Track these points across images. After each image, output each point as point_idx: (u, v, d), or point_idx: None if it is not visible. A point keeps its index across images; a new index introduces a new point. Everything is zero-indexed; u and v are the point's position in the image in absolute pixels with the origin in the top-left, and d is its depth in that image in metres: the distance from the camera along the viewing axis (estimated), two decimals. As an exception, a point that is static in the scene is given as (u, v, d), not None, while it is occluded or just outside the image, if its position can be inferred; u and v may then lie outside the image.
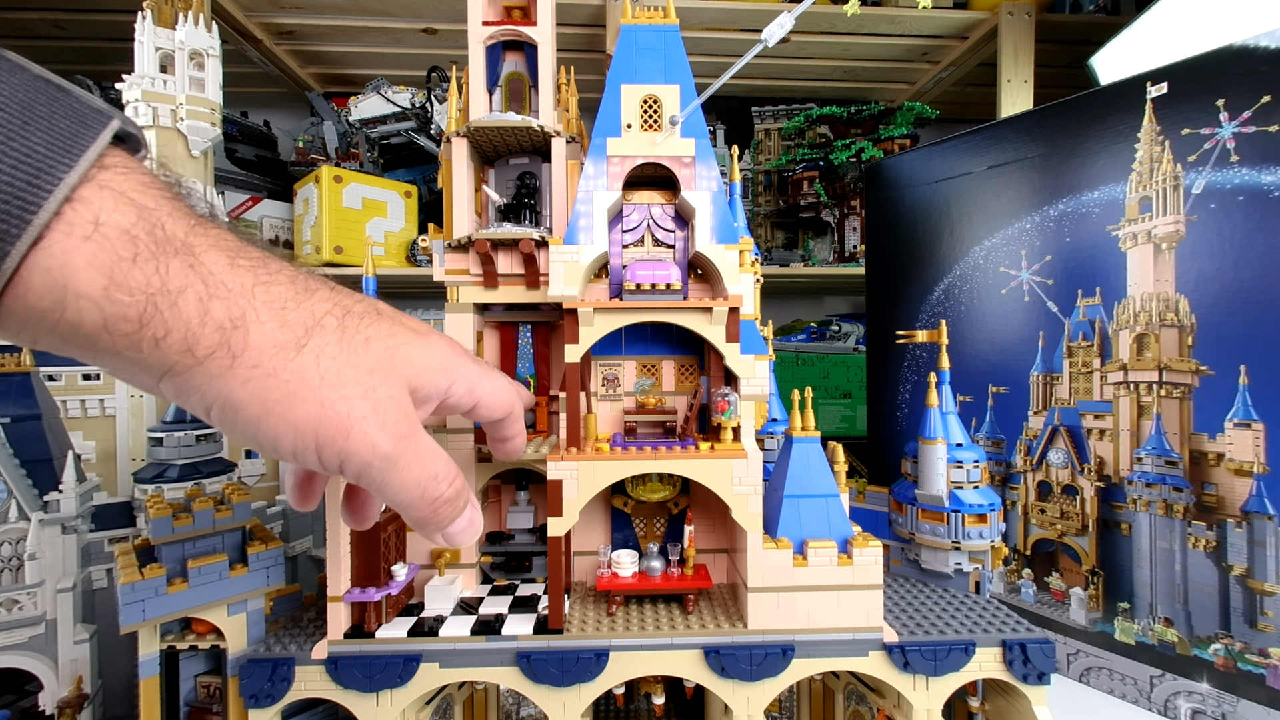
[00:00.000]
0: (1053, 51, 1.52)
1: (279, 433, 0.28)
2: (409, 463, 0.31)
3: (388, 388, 0.31)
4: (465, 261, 0.68)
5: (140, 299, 0.24)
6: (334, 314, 0.30)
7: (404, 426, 0.31)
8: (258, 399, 0.27)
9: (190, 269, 0.26)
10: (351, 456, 0.29)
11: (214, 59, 1.06)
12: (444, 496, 0.33)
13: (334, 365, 0.29)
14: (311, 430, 0.28)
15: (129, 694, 0.75)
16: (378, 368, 0.31)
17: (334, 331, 0.30)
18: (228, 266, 0.27)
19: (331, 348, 0.29)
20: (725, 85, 0.59)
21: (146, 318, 0.25)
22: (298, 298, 0.29)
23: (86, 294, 0.23)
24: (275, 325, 0.28)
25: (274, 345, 0.27)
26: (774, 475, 0.69)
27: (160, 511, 0.64)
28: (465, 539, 0.36)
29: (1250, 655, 0.72)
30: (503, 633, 0.61)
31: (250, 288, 0.27)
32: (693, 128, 0.63)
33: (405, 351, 0.32)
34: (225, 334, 0.26)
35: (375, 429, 0.29)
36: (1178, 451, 0.77)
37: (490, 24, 0.69)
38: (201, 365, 0.26)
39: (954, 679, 0.62)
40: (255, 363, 0.27)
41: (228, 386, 0.27)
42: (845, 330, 1.68)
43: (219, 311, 0.26)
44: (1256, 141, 0.70)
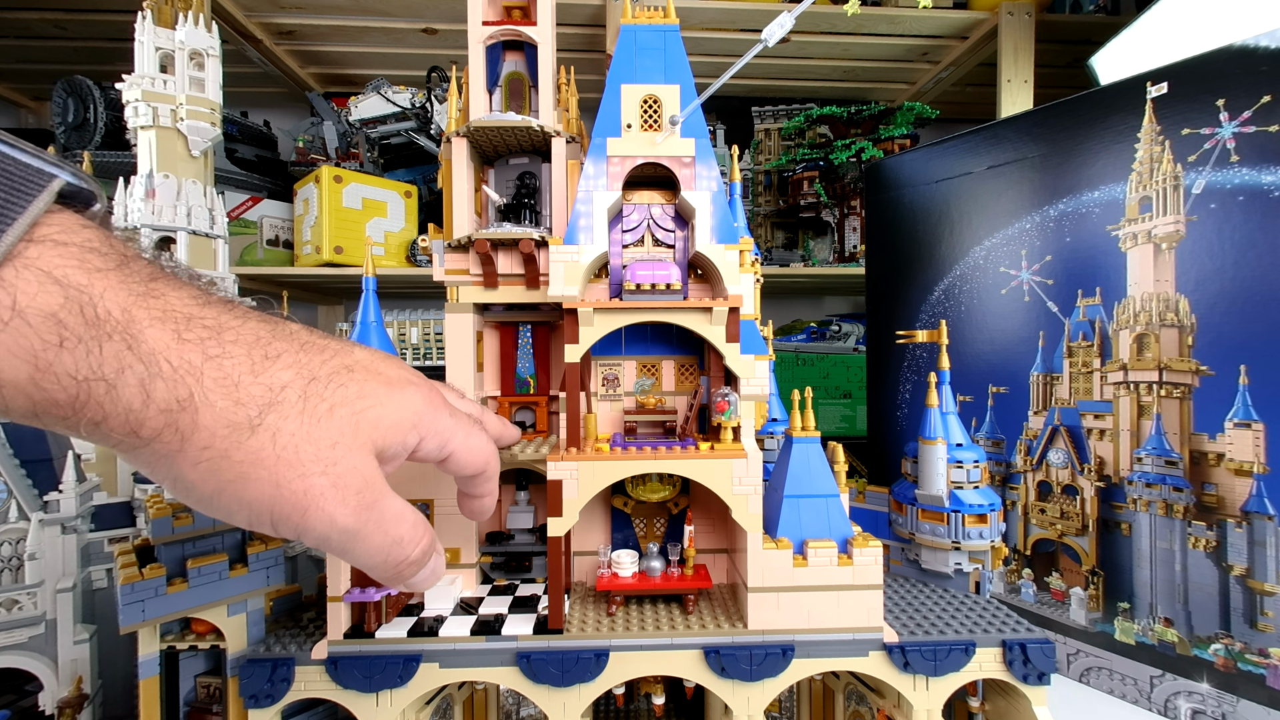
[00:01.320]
0: (1053, 51, 1.52)
1: (232, 509, 0.28)
2: (371, 532, 0.31)
3: (350, 459, 0.30)
4: (465, 261, 0.68)
5: (70, 385, 0.23)
6: (296, 384, 0.29)
7: (366, 496, 0.30)
8: (209, 479, 0.27)
9: (128, 349, 0.24)
10: (308, 532, 0.29)
11: (214, 59, 1.06)
12: (408, 559, 0.33)
13: (292, 442, 0.28)
14: (266, 509, 0.28)
15: (129, 694, 0.75)
16: (340, 439, 0.30)
17: (294, 405, 0.29)
18: (173, 342, 0.26)
19: (290, 423, 0.28)
20: (725, 85, 0.59)
21: (80, 404, 0.24)
22: (255, 369, 0.28)
23: (10, 382, 0.23)
24: (227, 404, 0.27)
25: (225, 426, 0.26)
26: (774, 475, 0.69)
27: (160, 511, 0.64)
28: (426, 586, 0.36)
29: (1250, 655, 0.72)
30: (503, 633, 0.61)
31: (199, 365, 0.26)
32: (693, 128, 0.63)
33: (372, 414, 0.32)
34: (171, 416, 0.25)
35: (334, 505, 0.29)
36: (1178, 451, 0.77)
37: (490, 24, 0.69)
38: (149, 446, 0.26)
39: (954, 679, 0.62)
40: (206, 444, 0.26)
41: (178, 467, 0.26)
42: (845, 330, 1.68)
43: (163, 393, 0.25)
44: (1256, 141, 0.70)
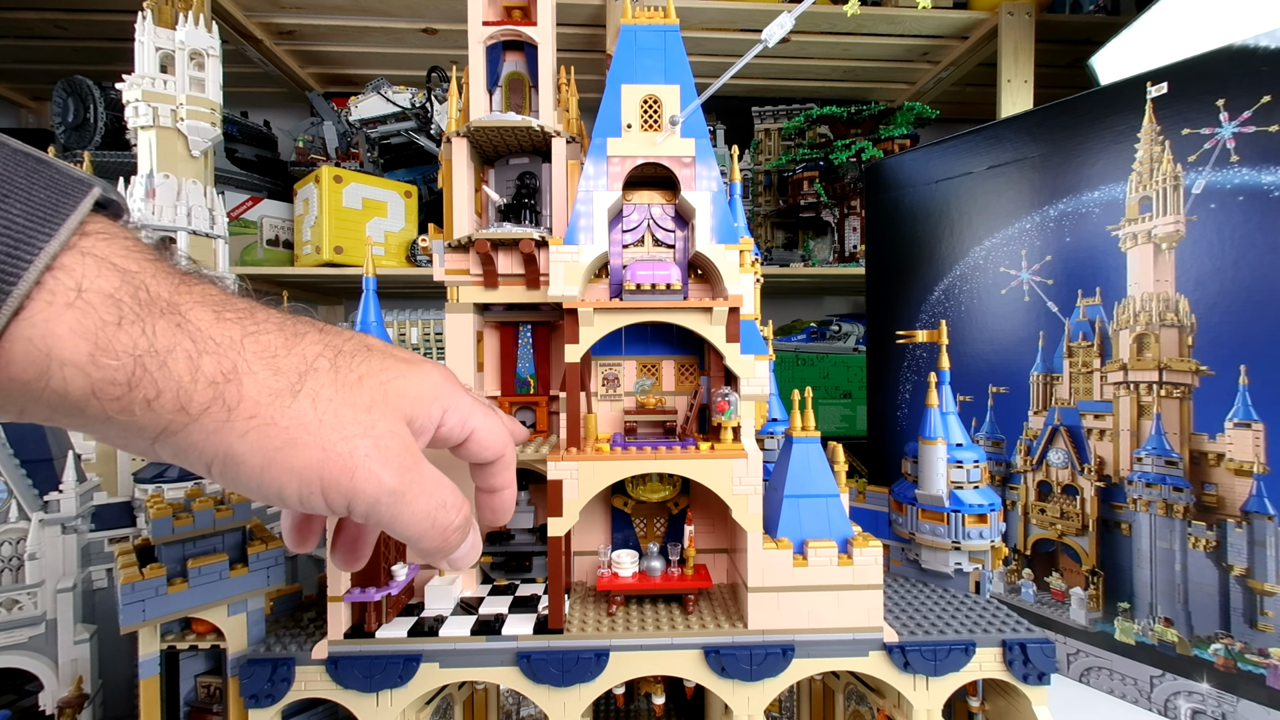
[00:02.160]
0: (1053, 51, 1.52)
1: (283, 482, 0.28)
2: (417, 495, 0.31)
3: (386, 423, 0.31)
4: (465, 261, 0.68)
5: (128, 361, 0.24)
6: (326, 355, 0.30)
7: (407, 460, 0.31)
8: (258, 450, 0.27)
9: (177, 327, 0.26)
10: (359, 495, 0.29)
11: (214, 59, 1.06)
12: (454, 524, 0.33)
13: (331, 407, 0.29)
14: (316, 475, 0.28)
15: (129, 694, 0.75)
16: (374, 404, 0.31)
17: (327, 373, 0.30)
18: (214, 321, 0.27)
19: (326, 390, 0.29)
20: (725, 85, 0.59)
21: (135, 380, 0.25)
22: (288, 344, 0.29)
23: (72, 361, 0.24)
24: (268, 374, 0.28)
25: (269, 394, 0.28)
26: (774, 475, 0.69)
27: (160, 511, 0.64)
28: (468, 562, 0.37)
29: (1250, 655, 0.72)
30: (503, 633, 0.61)
31: (239, 339, 0.28)
32: (693, 128, 0.63)
33: (398, 384, 0.33)
34: (219, 388, 0.26)
35: (379, 465, 0.29)
36: (1178, 451, 0.77)
37: (490, 24, 0.69)
38: (197, 422, 0.26)
39: (954, 679, 0.62)
40: (252, 413, 0.27)
41: (226, 441, 0.27)
42: (845, 330, 1.68)
43: (210, 366, 0.26)
44: (1256, 141, 0.70)
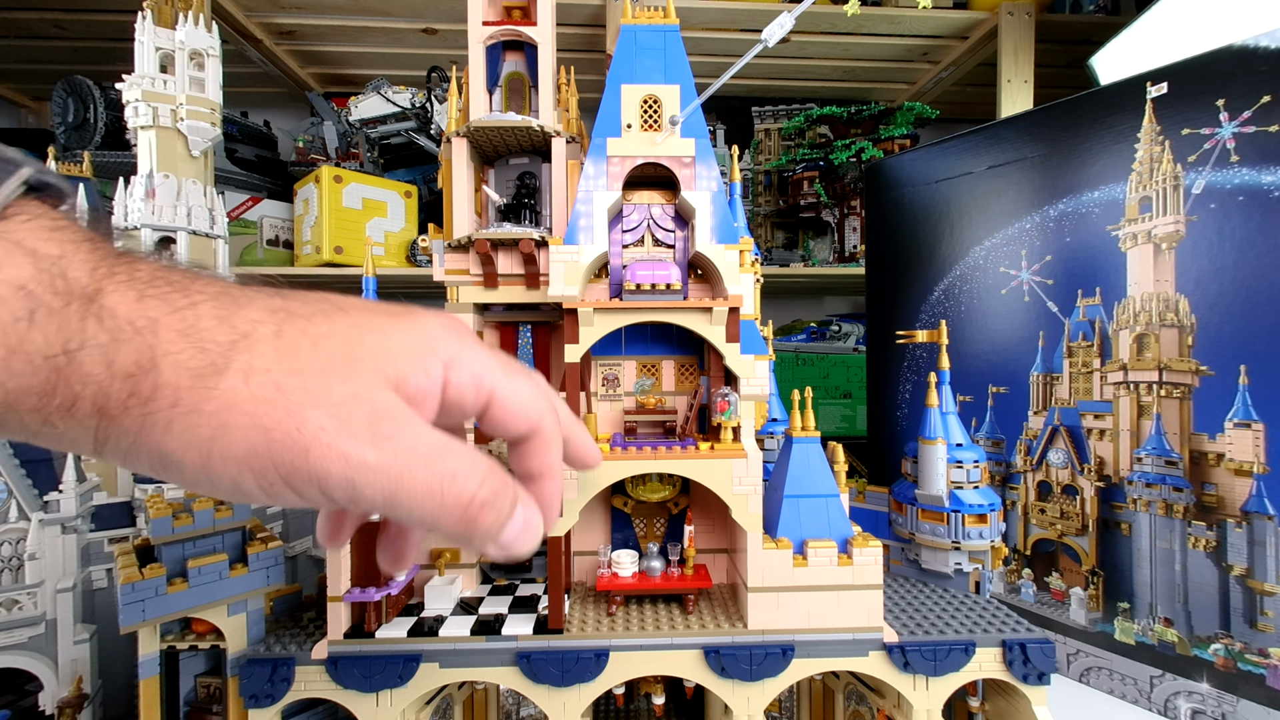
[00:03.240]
0: (1053, 51, 1.52)
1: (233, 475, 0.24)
2: (406, 468, 0.25)
3: (348, 386, 0.25)
4: (465, 261, 0.68)
5: (41, 364, 0.21)
6: (268, 322, 0.25)
7: (384, 428, 0.25)
8: (189, 444, 0.23)
9: (94, 318, 0.22)
10: (326, 477, 0.24)
11: (214, 59, 1.06)
12: (476, 497, 0.27)
13: (269, 378, 0.24)
14: (266, 461, 0.24)
15: (129, 694, 0.75)
16: (330, 368, 0.25)
17: (268, 340, 0.25)
18: (135, 302, 0.23)
19: (264, 360, 0.24)
20: (725, 85, 0.59)
21: (50, 386, 0.22)
22: (223, 314, 0.25)
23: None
24: (191, 352, 0.23)
25: (190, 376, 0.23)
26: (774, 475, 0.69)
27: (160, 511, 0.64)
28: (524, 545, 0.29)
29: (1250, 655, 0.72)
30: (503, 633, 0.61)
31: (158, 319, 0.23)
32: (693, 128, 0.63)
33: (373, 340, 0.27)
34: (134, 382, 0.23)
35: (341, 438, 0.24)
36: (1178, 451, 0.77)
37: (490, 24, 0.69)
38: (117, 423, 0.23)
39: (954, 679, 0.62)
40: (172, 402, 0.23)
41: (153, 439, 0.23)
42: (845, 330, 1.68)
43: (124, 358, 0.23)
44: (1256, 141, 0.70)
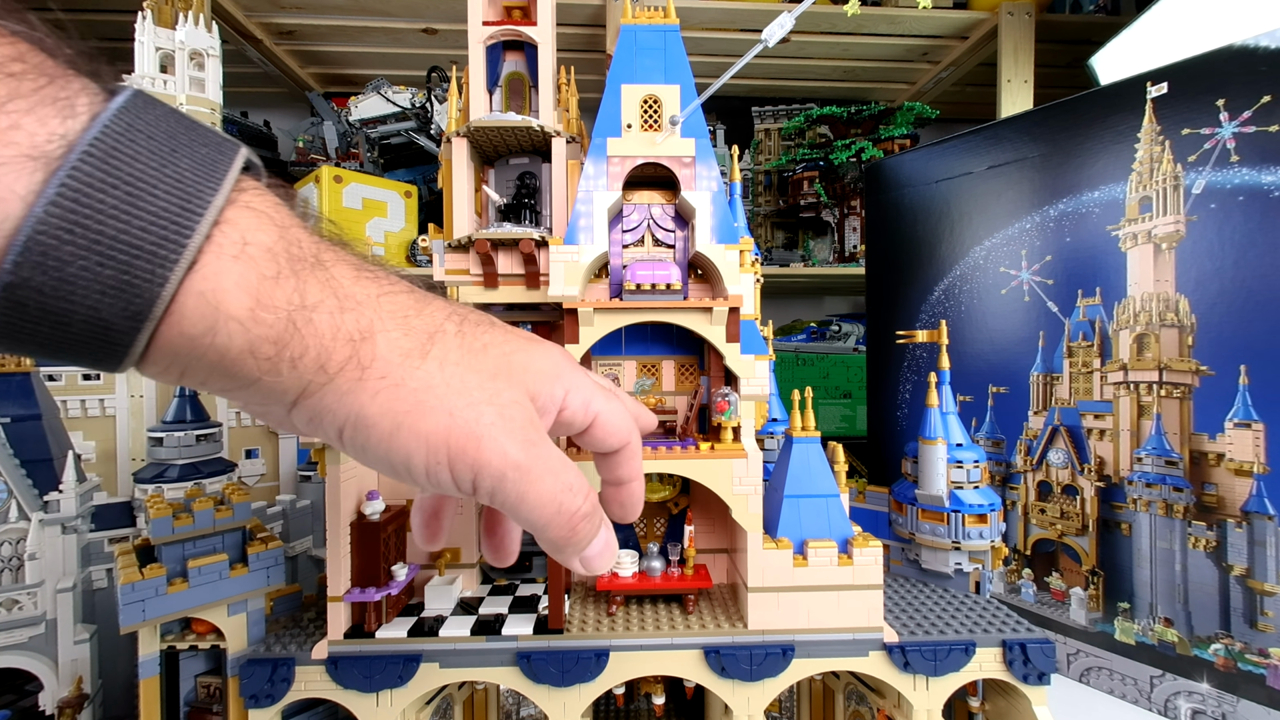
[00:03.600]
0: (1053, 51, 1.52)
1: (411, 449, 0.27)
2: (542, 473, 0.28)
3: (510, 392, 0.29)
4: (465, 261, 0.68)
5: (281, 317, 0.24)
6: (452, 320, 0.29)
7: (531, 434, 0.29)
8: (387, 412, 0.26)
9: (324, 284, 0.25)
10: (485, 468, 0.27)
11: (214, 59, 1.06)
12: (581, 510, 0.30)
13: (458, 371, 0.28)
14: (443, 442, 0.27)
15: (129, 694, 0.75)
16: (499, 372, 0.29)
17: (454, 337, 0.29)
18: (354, 278, 0.27)
19: (454, 353, 0.28)
20: (725, 85, 0.59)
21: (286, 337, 0.24)
22: (418, 306, 0.28)
23: (235, 315, 0.23)
24: (400, 333, 0.27)
25: (400, 353, 0.27)
26: (774, 475, 0.69)
27: (160, 511, 0.64)
28: (602, 563, 0.33)
29: (1250, 655, 0.72)
30: (503, 633, 0.61)
31: (375, 297, 0.27)
32: (693, 128, 0.63)
33: (520, 358, 0.31)
34: (355, 346, 0.26)
35: (504, 436, 0.28)
36: (1178, 451, 0.77)
37: (490, 24, 0.69)
38: (333, 381, 0.25)
39: (954, 679, 0.62)
40: (383, 373, 0.26)
41: (358, 402, 0.26)
42: (845, 330, 1.68)
43: (349, 324, 0.26)
44: (1256, 141, 0.70)
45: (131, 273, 0.21)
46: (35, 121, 0.20)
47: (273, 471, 1.07)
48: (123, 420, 0.96)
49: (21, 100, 0.20)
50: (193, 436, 0.84)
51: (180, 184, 0.22)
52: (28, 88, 0.20)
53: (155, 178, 0.22)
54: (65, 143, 0.20)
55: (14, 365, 0.81)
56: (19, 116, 0.20)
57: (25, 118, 0.20)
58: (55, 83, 0.21)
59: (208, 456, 0.86)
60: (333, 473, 0.60)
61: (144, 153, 0.22)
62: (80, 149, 0.20)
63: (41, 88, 0.20)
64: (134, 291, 0.21)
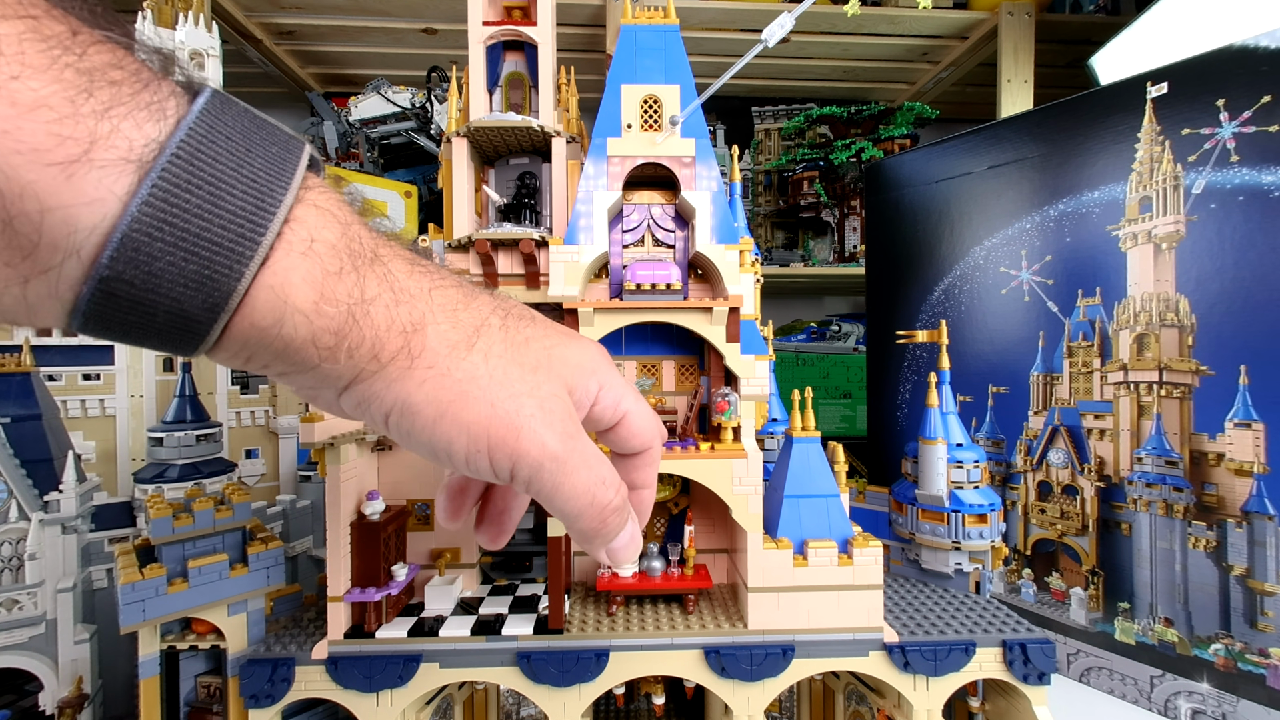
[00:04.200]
0: (1053, 51, 1.52)
1: (452, 436, 0.28)
2: (578, 465, 0.30)
3: (550, 386, 0.30)
4: (465, 261, 0.68)
5: (342, 309, 0.25)
6: (497, 314, 0.31)
7: (569, 426, 0.30)
8: (432, 400, 0.27)
9: (381, 278, 0.27)
10: (523, 457, 0.29)
11: (214, 59, 1.06)
12: (612, 504, 0.32)
13: (501, 364, 0.29)
14: (484, 431, 0.28)
15: (129, 694, 0.75)
16: (540, 366, 0.31)
17: (498, 330, 0.30)
18: (408, 273, 0.28)
19: (497, 346, 0.29)
20: (725, 85, 0.59)
21: (345, 329, 0.25)
22: (465, 300, 0.30)
23: (301, 308, 0.24)
24: (448, 326, 0.28)
25: (447, 345, 0.28)
26: (774, 475, 0.69)
27: (160, 511, 0.64)
28: (627, 555, 0.34)
29: (1250, 655, 0.72)
30: (503, 633, 0.61)
31: (427, 291, 0.28)
32: (693, 128, 0.63)
33: (560, 351, 0.32)
34: (407, 338, 0.27)
35: (543, 427, 0.29)
36: (1178, 451, 0.77)
37: (490, 24, 0.69)
38: (384, 370, 0.27)
39: (954, 679, 0.62)
40: (430, 363, 0.27)
41: (405, 389, 0.27)
42: (845, 330, 1.68)
43: (403, 316, 0.27)
44: (1256, 141, 0.70)
45: (212, 268, 0.23)
46: (132, 126, 0.21)
47: (273, 471, 1.07)
48: (123, 420, 0.96)
49: (122, 106, 0.21)
50: (193, 436, 0.84)
51: (255, 183, 0.24)
52: (126, 93, 0.21)
53: (233, 178, 0.23)
54: (157, 145, 0.22)
55: (14, 365, 0.81)
56: (119, 121, 0.21)
57: (124, 122, 0.21)
58: (149, 87, 0.22)
59: (208, 456, 0.86)
60: (333, 473, 0.60)
61: (223, 153, 0.23)
62: (169, 152, 0.22)
63: (138, 92, 0.22)
64: (213, 285, 0.23)
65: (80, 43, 0.21)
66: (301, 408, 1.08)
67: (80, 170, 0.20)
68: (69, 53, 0.20)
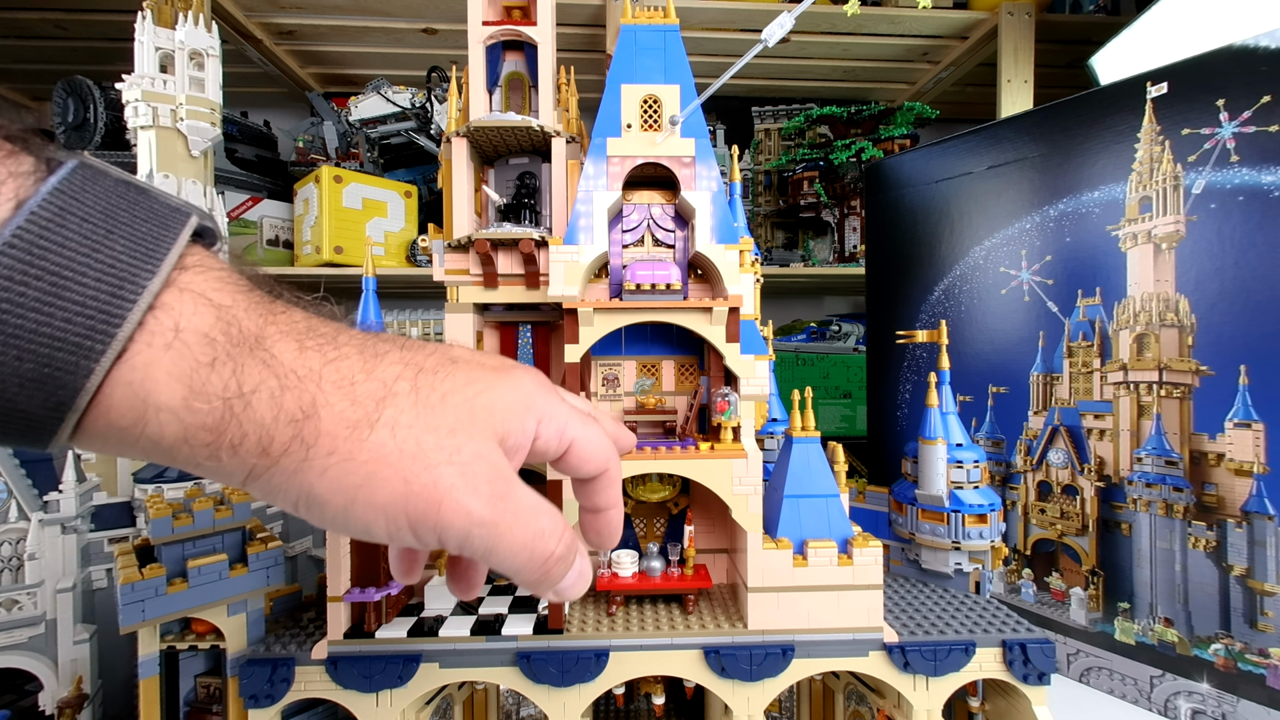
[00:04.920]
0: (1053, 51, 1.52)
1: (369, 519, 0.27)
2: (510, 524, 0.28)
3: (473, 446, 0.28)
4: (465, 261, 0.68)
5: (218, 405, 0.24)
6: (405, 377, 0.28)
7: (498, 486, 0.28)
8: (338, 489, 0.26)
9: (264, 365, 0.25)
10: (449, 529, 0.27)
11: (214, 59, 1.06)
12: (555, 554, 0.30)
13: (411, 434, 0.27)
14: (401, 510, 0.26)
15: (129, 694, 0.75)
16: (458, 426, 0.28)
17: (407, 397, 0.28)
18: (297, 352, 0.26)
19: (406, 415, 0.27)
20: (725, 85, 0.59)
21: (223, 425, 0.24)
22: (367, 367, 0.28)
23: (167, 405, 0.23)
24: (346, 404, 0.26)
25: (347, 426, 0.26)
26: (774, 475, 0.69)
27: (160, 511, 0.64)
28: (576, 591, 0.33)
29: (1250, 655, 0.72)
30: (502, 633, 0.61)
31: (319, 370, 0.26)
32: (693, 128, 0.63)
33: (485, 399, 0.30)
34: (298, 426, 0.25)
35: (467, 495, 0.27)
36: (1178, 451, 0.77)
37: (490, 24, 0.69)
38: (277, 464, 0.25)
39: (954, 679, 0.62)
40: (330, 449, 0.26)
41: (306, 481, 0.26)
42: (845, 330, 1.68)
43: (290, 404, 0.25)
44: (1256, 141, 0.70)
45: (52, 366, 0.21)
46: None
47: (273, 471, 1.07)
48: (123, 420, 0.96)
49: None
50: (193, 436, 0.84)
51: (113, 269, 0.22)
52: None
53: (85, 264, 0.21)
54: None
55: (14, 365, 0.80)
56: None
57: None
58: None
59: (208, 456, 0.86)
60: (333, 473, 0.60)
61: (74, 238, 0.21)
62: (1, 240, 0.20)
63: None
64: (55, 383, 0.21)
65: None
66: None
67: None
68: None
